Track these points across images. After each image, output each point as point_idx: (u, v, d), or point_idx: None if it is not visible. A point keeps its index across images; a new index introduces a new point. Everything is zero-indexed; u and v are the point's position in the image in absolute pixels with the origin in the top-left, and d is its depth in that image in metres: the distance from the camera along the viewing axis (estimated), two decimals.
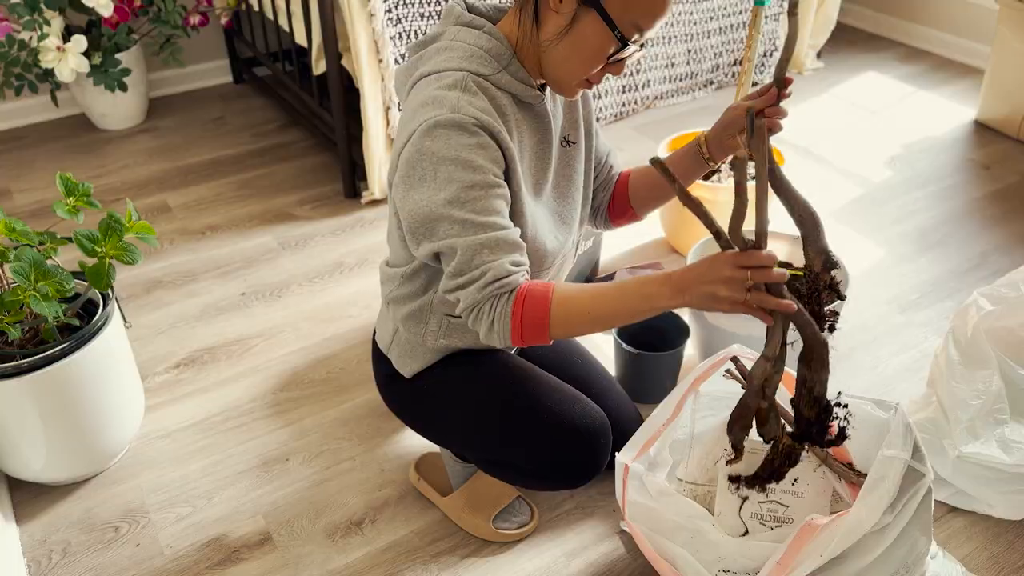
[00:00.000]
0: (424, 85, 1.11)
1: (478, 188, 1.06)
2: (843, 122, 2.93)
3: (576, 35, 1.07)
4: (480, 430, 1.31)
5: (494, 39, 1.12)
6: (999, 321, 1.50)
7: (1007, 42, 2.69)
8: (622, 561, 1.43)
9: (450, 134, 1.05)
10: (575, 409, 1.27)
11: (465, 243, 1.05)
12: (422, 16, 2.25)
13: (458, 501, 1.47)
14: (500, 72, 1.12)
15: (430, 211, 1.06)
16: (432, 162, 1.06)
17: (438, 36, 1.15)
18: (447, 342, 1.29)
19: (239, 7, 2.92)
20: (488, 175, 1.07)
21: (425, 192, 1.07)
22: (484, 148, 1.07)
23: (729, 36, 3.04)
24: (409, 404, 1.38)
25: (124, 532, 1.49)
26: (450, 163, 1.05)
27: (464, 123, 1.05)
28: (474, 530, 1.46)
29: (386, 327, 1.35)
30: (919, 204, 2.46)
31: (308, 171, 2.64)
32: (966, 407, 1.44)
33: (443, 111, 1.05)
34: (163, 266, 2.19)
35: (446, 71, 1.10)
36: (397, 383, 1.37)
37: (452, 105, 1.06)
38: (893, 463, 1.12)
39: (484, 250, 1.05)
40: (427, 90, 1.09)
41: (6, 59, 2.49)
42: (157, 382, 1.81)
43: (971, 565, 1.42)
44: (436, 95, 1.08)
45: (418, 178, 1.07)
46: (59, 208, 1.42)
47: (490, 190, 1.07)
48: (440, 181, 1.05)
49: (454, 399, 1.31)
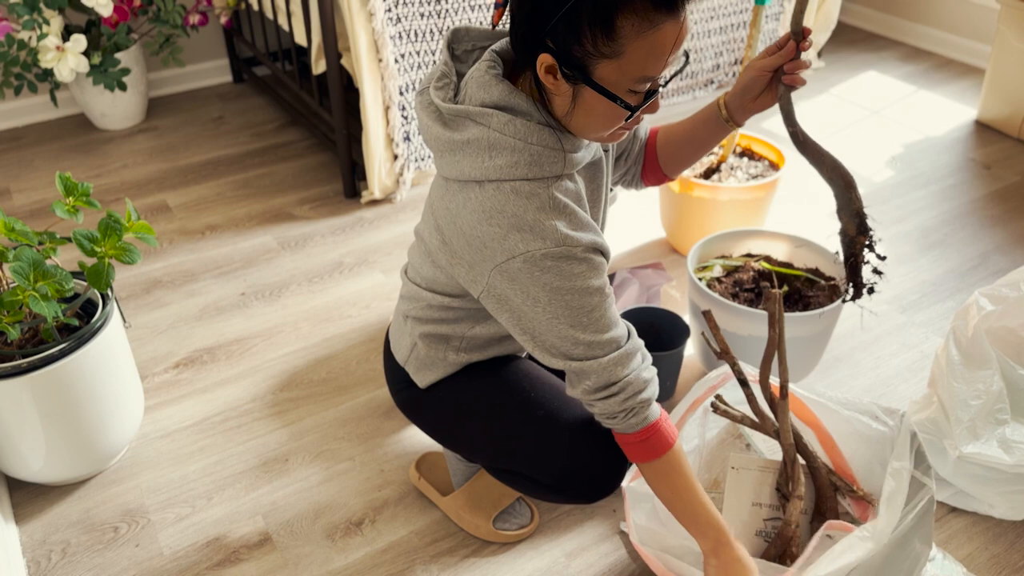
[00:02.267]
0: (501, 199, 1.03)
1: (599, 309, 1.05)
2: (844, 122, 2.93)
3: (584, 107, 1.01)
4: (499, 441, 1.29)
5: (545, 128, 1.03)
6: (1000, 321, 1.50)
7: (1008, 42, 2.69)
8: (622, 561, 1.43)
9: (560, 267, 1.02)
10: (596, 427, 1.26)
11: (599, 366, 1.06)
12: (422, 16, 2.25)
13: (459, 501, 1.47)
14: (564, 157, 1.05)
15: (555, 335, 1.06)
16: (547, 292, 1.03)
17: (482, 117, 1.03)
18: (469, 356, 1.27)
19: (239, 7, 2.92)
20: (604, 288, 1.05)
21: (543, 315, 1.05)
22: (596, 269, 1.05)
23: (729, 36, 3.04)
24: (426, 413, 1.35)
25: (124, 532, 1.48)
26: (568, 293, 1.03)
27: (574, 255, 1.02)
28: (474, 530, 1.46)
29: (403, 340, 1.32)
30: (920, 204, 2.46)
31: (308, 171, 2.64)
32: (967, 407, 1.44)
33: (546, 244, 1.01)
34: (163, 266, 2.19)
35: (520, 181, 1.02)
36: (413, 391, 1.34)
37: (555, 238, 1.01)
38: (902, 475, 1.12)
39: (617, 367, 1.07)
40: (510, 209, 1.02)
41: (5, 59, 2.49)
42: (156, 382, 1.81)
43: (972, 565, 1.42)
44: (529, 221, 1.01)
45: (532, 300, 1.05)
46: (58, 208, 1.42)
47: (606, 300, 1.06)
48: (558, 309, 1.04)
49: (473, 409, 1.29)
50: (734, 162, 2.17)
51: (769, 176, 2.10)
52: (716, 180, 2.11)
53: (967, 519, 1.50)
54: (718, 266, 1.80)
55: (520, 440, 1.27)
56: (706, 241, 1.83)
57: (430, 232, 1.15)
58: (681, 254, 2.22)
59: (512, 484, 1.36)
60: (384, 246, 2.27)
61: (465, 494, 1.47)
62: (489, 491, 1.45)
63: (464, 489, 1.47)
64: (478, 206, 1.04)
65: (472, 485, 1.46)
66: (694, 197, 2.07)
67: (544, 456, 1.26)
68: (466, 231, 1.06)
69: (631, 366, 1.08)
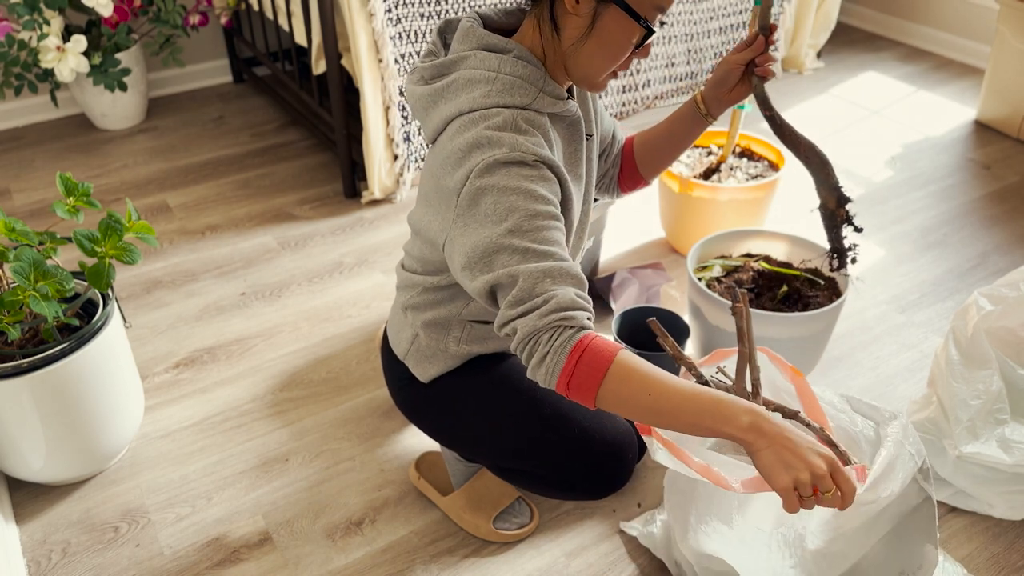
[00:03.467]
0: (468, 124, 1.06)
1: (540, 218, 1.01)
2: (843, 122, 2.93)
3: (599, 32, 1.05)
4: (504, 438, 1.29)
5: (526, 63, 1.08)
6: (999, 321, 1.50)
7: (1007, 42, 2.69)
8: (622, 561, 1.43)
9: (511, 169, 1.02)
10: (605, 422, 1.26)
11: (527, 270, 0.99)
12: (422, 16, 2.25)
13: (458, 501, 1.47)
14: (538, 96, 1.08)
15: (489, 242, 1.01)
16: (493, 195, 1.01)
17: (461, 61, 1.09)
18: (469, 348, 1.26)
19: (239, 7, 2.92)
20: (550, 206, 1.03)
21: (486, 226, 1.02)
22: (546, 180, 1.04)
23: (729, 36, 3.04)
24: (425, 409, 1.35)
25: (124, 532, 1.49)
26: (512, 193, 1.01)
27: (525, 159, 1.02)
28: (474, 530, 1.46)
29: (402, 333, 1.32)
30: (919, 204, 2.46)
31: (308, 171, 2.64)
32: (966, 407, 1.44)
33: (502, 150, 1.02)
34: (163, 266, 2.19)
35: (490, 108, 1.06)
36: (413, 387, 1.34)
37: (510, 145, 1.02)
38: (902, 457, 1.12)
39: (547, 279, 0.99)
40: (473, 131, 1.04)
41: (6, 59, 2.49)
42: (157, 382, 1.81)
43: (971, 565, 1.42)
44: (488, 136, 1.03)
45: (481, 214, 1.02)
46: (59, 208, 1.42)
47: (551, 221, 1.03)
48: (501, 212, 1.01)
49: (476, 405, 1.29)
50: (734, 162, 2.17)
51: (769, 176, 2.11)
52: (716, 180, 2.11)
53: (966, 519, 1.50)
54: (717, 266, 1.80)
55: (527, 437, 1.27)
56: (705, 241, 1.83)
57: (417, 205, 1.20)
58: (681, 254, 2.23)
59: (515, 482, 1.36)
60: (384, 246, 2.27)
61: (465, 494, 1.47)
62: (489, 491, 1.45)
63: (464, 489, 1.47)
64: (447, 142, 1.08)
65: (472, 485, 1.46)
66: (694, 197, 2.07)
67: (552, 453, 1.26)
68: (435, 171, 1.10)
69: (563, 287, 0.99)
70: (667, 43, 2.90)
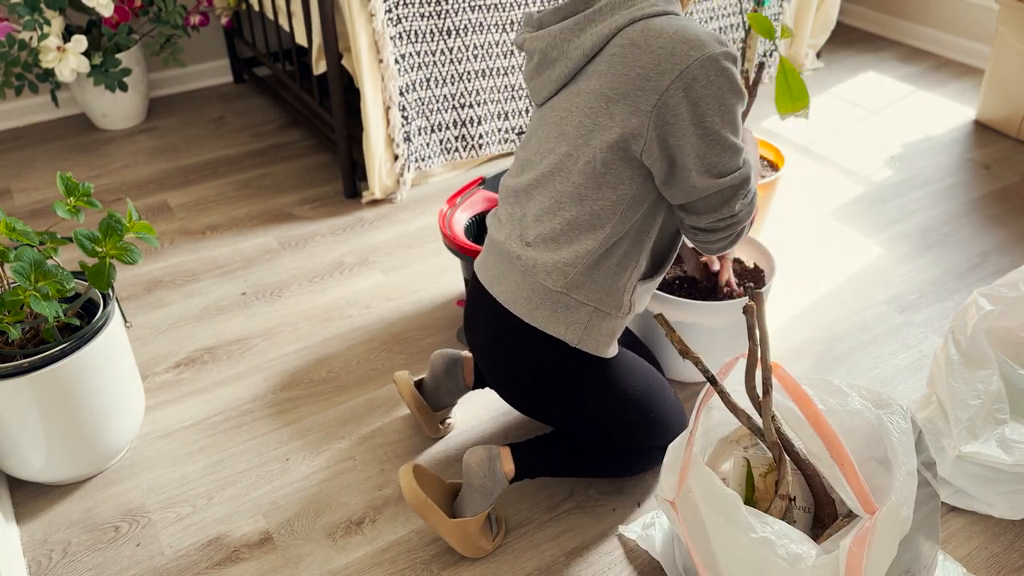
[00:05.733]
0: (646, 27, 1.14)
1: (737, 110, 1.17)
2: (843, 122, 2.93)
3: None
4: (649, 402, 1.41)
5: None
6: (999, 321, 1.50)
7: (1007, 42, 2.70)
8: (622, 561, 1.43)
9: (731, 68, 1.13)
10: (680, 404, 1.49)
11: (747, 164, 1.20)
12: (422, 16, 2.25)
13: (472, 526, 1.40)
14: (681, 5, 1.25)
15: (720, 144, 1.15)
16: (719, 95, 1.12)
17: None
18: (634, 309, 1.35)
19: (239, 7, 2.92)
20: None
21: (713, 123, 1.14)
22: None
23: (729, 36, 3.04)
24: (598, 387, 1.37)
25: (124, 532, 1.49)
26: (731, 94, 1.13)
27: (734, 54, 1.13)
28: (474, 552, 1.41)
29: (572, 318, 1.29)
30: (919, 204, 2.46)
31: (308, 171, 2.64)
32: (966, 407, 1.44)
33: (717, 47, 1.11)
34: (163, 266, 2.19)
35: (660, 16, 1.16)
36: (588, 369, 1.35)
37: (718, 39, 1.12)
38: (910, 478, 1.12)
39: (745, 163, 1.20)
40: (665, 28, 1.13)
41: (6, 59, 2.50)
42: (157, 382, 1.81)
43: (971, 565, 1.42)
44: (693, 32, 1.12)
45: (729, 120, 1.15)
46: (59, 208, 1.42)
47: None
48: (726, 115, 1.14)
49: (632, 374, 1.41)
50: None
51: (769, 176, 2.11)
52: None
53: (966, 518, 1.50)
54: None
55: (666, 405, 1.44)
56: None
57: (561, 128, 1.25)
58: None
59: (585, 458, 1.45)
60: (385, 246, 2.27)
61: (479, 520, 1.40)
62: (477, 538, 1.42)
63: (481, 515, 1.40)
64: (627, 42, 1.15)
65: (464, 527, 1.40)
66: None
67: (678, 417, 1.46)
68: (622, 69, 1.15)
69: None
70: None
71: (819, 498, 1.28)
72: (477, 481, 1.39)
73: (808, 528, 1.28)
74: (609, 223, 1.23)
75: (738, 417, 1.26)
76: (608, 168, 1.19)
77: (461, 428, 1.69)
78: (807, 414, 1.22)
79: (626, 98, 1.15)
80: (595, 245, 1.24)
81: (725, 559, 1.15)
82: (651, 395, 1.42)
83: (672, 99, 1.12)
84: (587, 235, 1.24)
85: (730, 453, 1.39)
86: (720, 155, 1.16)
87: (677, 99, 1.12)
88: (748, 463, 1.31)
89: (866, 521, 1.11)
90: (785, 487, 1.23)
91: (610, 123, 1.17)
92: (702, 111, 1.12)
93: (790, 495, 1.25)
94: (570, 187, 1.23)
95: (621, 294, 1.29)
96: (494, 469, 1.38)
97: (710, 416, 1.37)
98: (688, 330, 1.66)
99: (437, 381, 1.60)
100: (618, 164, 1.19)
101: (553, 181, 1.25)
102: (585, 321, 1.29)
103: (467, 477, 1.40)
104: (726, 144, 1.15)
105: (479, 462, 1.39)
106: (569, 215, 1.24)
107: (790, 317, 2.00)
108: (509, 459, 1.40)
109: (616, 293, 1.29)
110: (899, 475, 1.13)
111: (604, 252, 1.25)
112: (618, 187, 1.21)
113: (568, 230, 1.24)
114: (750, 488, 1.30)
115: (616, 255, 1.26)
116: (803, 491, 1.29)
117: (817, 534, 1.27)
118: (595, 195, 1.21)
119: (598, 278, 1.27)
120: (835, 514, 1.28)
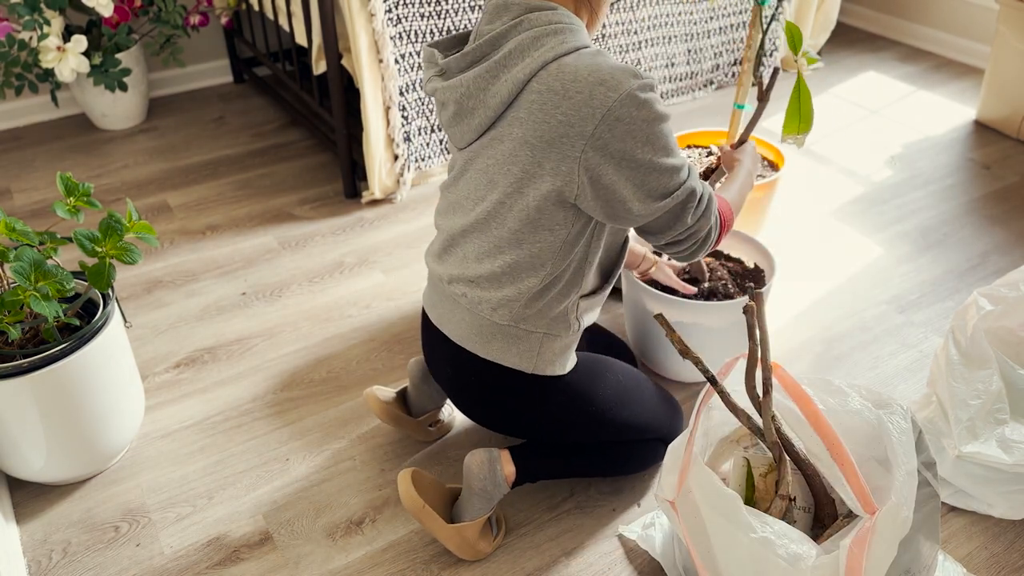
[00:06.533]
0: (560, 70, 1.11)
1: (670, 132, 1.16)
2: (843, 122, 2.93)
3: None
4: (628, 407, 1.42)
5: (573, 15, 1.17)
6: (999, 321, 1.50)
7: (1007, 42, 2.70)
8: (622, 561, 1.43)
9: (651, 97, 1.11)
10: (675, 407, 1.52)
11: (692, 179, 1.18)
12: (422, 16, 2.25)
13: (471, 530, 1.40)
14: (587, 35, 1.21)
15: (655, 168, 1.13)
16: (644, 125, 1.11)
17: (512, 30, 1.15)
18: (581, 322, 1.34)
19: (239, 7, 2.92)
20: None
21: (641, 155, 1.12)
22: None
23: (729, 36, 3.04)
24: (558, 399, 1.37)
25: (124, 532, 1.49)
26: (658, 121, 1.12)
27: (652, 83, 1.12)
28: (473, 556, 1.41)
29: (523, 347, 1.30)
30: (919, 204, 2.46)
31: (308, 171, 2.64)
32: (966, 407, 1.44)
33: (632, 80, 1.10)
34: (163, 266, 2.19)
35: (575, 52, 1.13)
36: (551, 388, 1.35)
37: (630, 71, 1.10)
38: (911, 478, 1.12)
39: (692, 178, 1.18)
40: (580, 69, 1.10)
41: (6, 59, 2.50)
42: (157, 382, 1.81)
43: (971, 565, 1.42)
44: (608, 68, 1.10)
45: (660, 146, 1.13)
46: (59, 208, 1.42)
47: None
48: (656, 141, 1.12)
49: (614, 377, 1.43)
50: None
51: (769, 176, 2.11)
52: (716, 180, 2.11)
53: (966, 518, 1.50)
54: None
55: (643, 398, 1.45)
56: None
57: (490, 176, 1.22)
58: None
59: (578, 463, 1.45)
60: (384, 246, 2.27)
61: (478, 524, 1.40)
62: (474, 542, 1.42)
63: (480, 520, 1.41)
64: (544, 88, 1.12)
65: (462, 532, 1.40)
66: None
67: (662, 406, 1.48)
68: (543, 116, 1.12)
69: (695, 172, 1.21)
70: (667, 43, 2.90)
71: (819, 498, 1.28)
72: (477, 484, 1.39)
73: (808, 528, 1.28)
74: (549, 262, 1.23)
75: (738, 417, 1.26)
76: (542, 214, 1.18)
77: (461, 428, 1.69)
78: (807, 414, 1.22)
79: (552, 146, 1.13)
80: (536, 282, 1.24)
81: (725, 559, 1.15)
82: (625, 392, 1.42)
83: (598, 142, 1.10)
84: (528, 274, 1.24)
85: (730, 453, 1.39)
86: (657, 179, 1.14)
87: (603, 141, 1.10)
88: (748, 463, 1.31)
89: (866, 521, 1.11)
90: (785, 487, 1.23)
91: (540, 171, 1.15)
92: (630, 148, 1.10)
93: (790, 495, 1.25)
94: (507, 232, 1.22)
95: (567, 315, 1.30)
96: (495, 471, 1.38)
97: (710, 416, 1.37)
98: (688, 330, 1.66)
99: (417, 389, 1.60)
100: (552, 209, 1.18)
101: (489, 227, 1.24)
102: (537, 347, 1.30)
103: (467, 480, 1.40)
104: (661, 168, 1.13)
105: (479, 464, 1.39)
106: (509, 258, 1.23)
107: (790, 317, 2.00)
108: (509, 461, 1.40)
109: (562, 316, 1.29)
110: (899, 475, 1.13)
111: (546, 285, 1.25)
112: (555, 229, 1.20)
113: (509, 271, 1.24)
114: (750, 488, 1.30)
115: (559, 285, 1.26)
116: (803, 491, 1.29)
117: (817, 534, 1.26)
118: (532, 238, 1.21)
119: (542, 307, 1.27)
120: (835, 514, 1.28)
